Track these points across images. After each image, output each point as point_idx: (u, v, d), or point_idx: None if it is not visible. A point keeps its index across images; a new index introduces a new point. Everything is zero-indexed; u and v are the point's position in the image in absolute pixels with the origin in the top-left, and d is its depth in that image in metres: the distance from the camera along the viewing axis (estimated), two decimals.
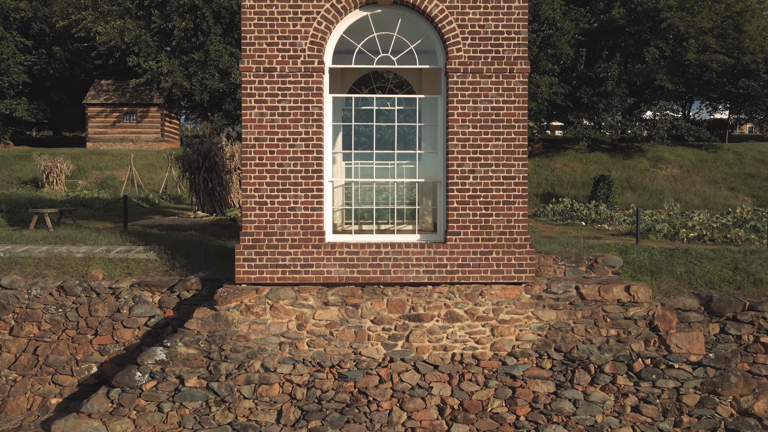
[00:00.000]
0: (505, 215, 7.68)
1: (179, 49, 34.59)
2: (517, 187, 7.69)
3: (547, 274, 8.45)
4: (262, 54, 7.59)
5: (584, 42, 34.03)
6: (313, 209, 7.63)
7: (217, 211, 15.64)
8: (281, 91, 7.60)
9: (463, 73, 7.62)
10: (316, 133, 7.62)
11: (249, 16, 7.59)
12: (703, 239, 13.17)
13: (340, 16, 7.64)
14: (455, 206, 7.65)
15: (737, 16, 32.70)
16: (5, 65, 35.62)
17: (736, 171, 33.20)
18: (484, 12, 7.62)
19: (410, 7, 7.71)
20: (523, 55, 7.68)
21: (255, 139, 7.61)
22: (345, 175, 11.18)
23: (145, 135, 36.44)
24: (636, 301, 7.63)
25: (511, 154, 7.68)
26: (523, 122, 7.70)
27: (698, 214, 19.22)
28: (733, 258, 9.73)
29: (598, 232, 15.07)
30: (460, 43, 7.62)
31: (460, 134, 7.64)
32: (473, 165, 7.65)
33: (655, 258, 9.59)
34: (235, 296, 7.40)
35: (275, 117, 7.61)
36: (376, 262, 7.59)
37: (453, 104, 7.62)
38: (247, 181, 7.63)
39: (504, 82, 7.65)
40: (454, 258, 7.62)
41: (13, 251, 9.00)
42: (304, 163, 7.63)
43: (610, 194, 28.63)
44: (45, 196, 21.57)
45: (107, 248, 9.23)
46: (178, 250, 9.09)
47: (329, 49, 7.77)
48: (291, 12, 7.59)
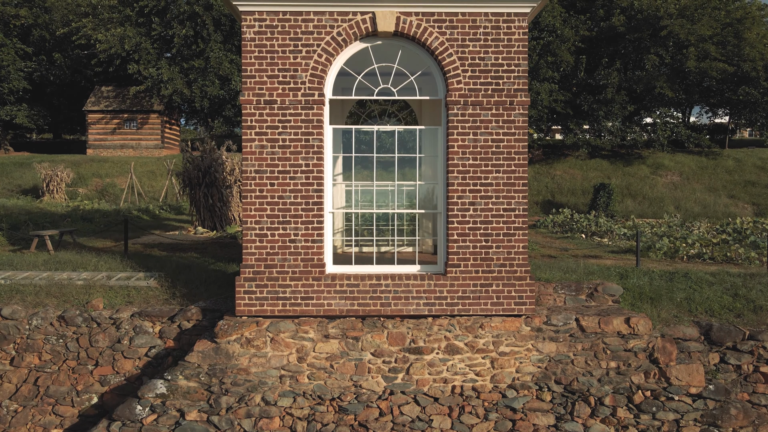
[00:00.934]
0: (506, 247, 7.69)
1: (179, 56, 34.62)
2: (518, 219, 7.70)
3: (547, 303, 8.46)
4: (263, 86, 7.61)
5: (584, 49, 34.04)
6: (313, 241, 7.64)
7: (217, 226, 15.65)
8: (281, 124, 7.62)
9: (464, 105, 7.63)
10: (317, 165, 7.63)
11: (249, 48, 7.60)
12: (702, 257, 13.17)
13: (340, 49, 7.65)
14: (455, 238, 7.66)
15: (737, 24, 32.70)
16: (5, 72, 35.65)
17: (736, 178, 33.20)
18: (485, 44, 7.64)
19: (410, 39, 7.72)
20: (523, 87, 7.69)
21: (255, 171, 7.62)
22: (345, 197, 11.21)
23: (145, 142, 36.46)
24: (636, 333, 7.64)
25: (511, 186, 7.69)
26: (523, 154, 7.71)
27: (698, 227, 19.22)
28: (732, 283, 9.74)
29: (597, 248, 15.08)
30: (460, 75, 7.63)
31: (460, 166, 7.65)
32: (473, 197, 7.66)
33: (654, 283, 9.60)
34: (236, 329, 7.41)
35: (275, 149, 7.62)
36: (377, 294, 7.60)
37: (453, 136, 7.64)
38: (247, 213, 7.64)
39: (504, 114, 7.66)
40: (455, 290, 7.63)
41: (14, 278, 9.01)
42: (304, 195, 7.64)
43: (610, 202, 28.68)
44: (45, 208, 21.59)
45: (108, 274, 9.24)
46: (179, 277, 9.10)
47: (329, 80, 7.78)
48: (291, 45, 7.61)
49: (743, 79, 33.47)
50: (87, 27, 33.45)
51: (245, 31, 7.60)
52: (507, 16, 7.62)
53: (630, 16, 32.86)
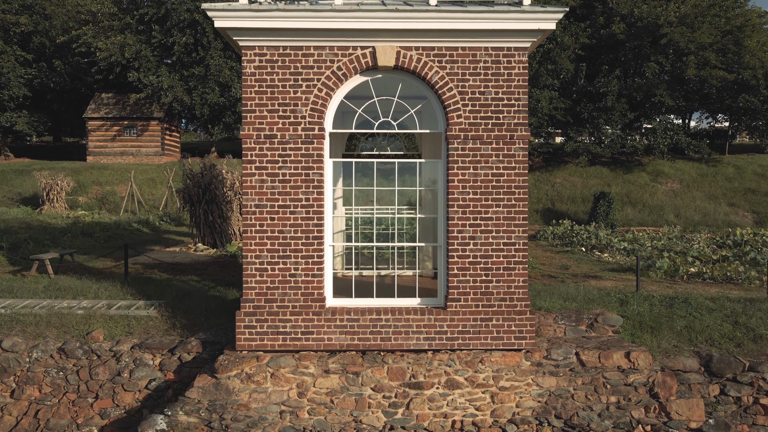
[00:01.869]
0: (506, 281, 7.69)
1: (179, 63, 34.61)
2: (518, 253, 7.70)
3: (548, 333, 8.47)
4: (263, 121, 7.61)
5: (584, 57, 34.05)
6: (313, 276, 7.65)
7: (217, 243, 15.66)
8: (282, 158, 7.62)
9: (464, 140, 7.63)
10: (317, 199, 7.64)
11: (250, 83, 7.60)
12: (702, 277, 13.18)
13: (340, 83, 7.65)
14: (455, 272, 7.66)
15: (737, 31, 32.71)
16: (5, 79, 35.64)
17: (736, 186, 33.19)
18: (485, 79, 7.64)
19: (411, 73, 7.72)
20: (523, 121, 7.70)
21: (255, 206, 7.62)
22: (345, 222, 11.21)
23: (145, 149, 36.46)
24: (636, 367, 7.64)
25: (511, 221, 7.69)
26: (523, 188, 7.72)
27: (698, 241, 19.20)
28: (732, 309, 9.74)
29: (597, 264, 15.07)
30: (460, 110, 7.63)
31: (460, 200, 7.65)
32: (473, 231, 7.67)
33: (655, 310, 9.60)
34: (236, 364, 7.41)
35: (276, 184, 7.62)
36: (377, 329, 7.60)
37: (453, 170, 7.64)
38: (248, 248, 7.64)
39: (504, 148, 7.66)
40: (455, 325, 7.64)
41: (14, 307, 9.01)
42: (304, 229, 7.64)
43: (610, 211, 28.66)
44: (45, 220, 21.60)
45: (108, 303, 9.24)
46: (179, 305, 9.10)
47: (329, 114, 7.79)
48: (291, 79, 7.61)
49: (743, 86, 33.48)
50: (87, 35, 33.44)
51: (245, 66, 7.60)
52: (507, 50, 7.63)
53: (630, 23, 32.87)
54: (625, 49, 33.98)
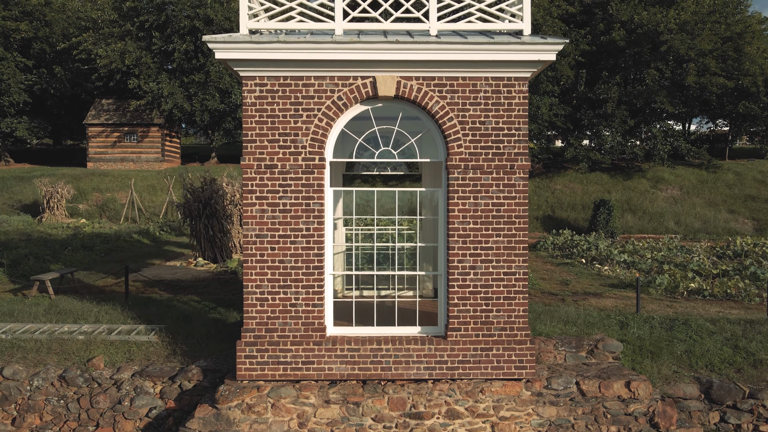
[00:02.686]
0: (506, 311, 7.70)
1: (179, 70, 34.62)
2: (518, 283, 7.71)
3: (548, 360, 8.48)
4: (263, 151, 7.62)
5: (584, 63, 34.04)
6: (314, 305, 7.66)
7: (218, 257, 15.67)
8: (282, 188, 7.63)
9: (464, 170, 7.64)
10: (317, 229, 7.64)
11: (250, 113, 7.61)
12: (702, 293, 13.19)
13: (340, 112, 7.66)
14: (456, 302, 7.67)
15: (737, 38, 32.70)
16: (5, 85, 35.65)
17: (736, 192, 33.19)
18: (485, 108, 7.65)
19: (411, 102, 7.73)
20: (523, 151, 7.71)
21: (256, 235, 7.63)
22: (345, 240, 11.21)
23: (145, 155, 36.48)
24: (636, 397, 7.65)
25: (511, 250, 7.70)
26: (523, 218, 7.73)
27: (698, 253, 19.21)
28: (733, 332, 9.75)
29: (598, 279, 15.08)
30: (460, 139, 7.64)
31: (460, 230, 7.66)
32: (474, 261, 7.67)
33: (655, 333, 9.61)
34: (236, 395, 7.42)
35: (276, 213, 7.63)
36: (377, 359, 7.61)
37: (453, 200, 7.65)
38: (248, 277, 7.65)
39: (505, 178, 7.67)
40: (455, 354, 7.64)
41: (15, 332, 9.03)
42: (305, 259, 7.65)
43: (610, 219, 28.68)
44: (46, 231, 21.61)
45: (109, 327, 9.25)
46: (179, 330, 9.11)
47: (330, 144, 7.79)
48: (292, 109, 7.62)
49: (743, 93, 33.49)
50: (88, 42, 33.45)
51: (246, 96, 7.61)
52: (507, 80, 7.64)
53: (630, 30, 32.87)
54: (625, 55, 33.98)
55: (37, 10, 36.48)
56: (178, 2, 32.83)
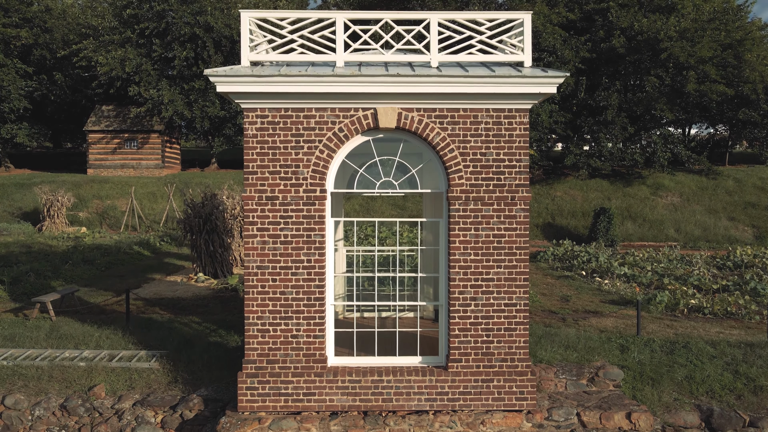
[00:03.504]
0: (507, 342, 7.71)
1: (180, 77, 34.62)
2: (519, 314, 7.72)
3: (548, 388, 8.49)
4: (265, 182, 7.62)
5: (584, 70, 34.04)
6: (315, 336, 7.66)
7: (218, 273, 15.67)
8: (283, 220, 7.64)
9: (465, 201, 7.65)
10: (318, 261, 7.65)
11: (251, 145, 7.62)
12: (703, 311, 13.21)
13: (341, 144, 7.67)
14: (456, 333, 7.68)
15: (737, 45, 32.70)
16: (6, 92, 35.63)
17: (736, 199, 33.20)
18: (486, 140, 7.65)
19: (412, 134, 7.74)
20: (524, 182, 7.72)
21: (257, 267, 7.64)
22: (346, 263, 11.22)
23: (146, 161, 36.47)
24: (637, 428, 7.66)
25: (512, 281, 7.71)
26: (524, 249, 7.73)
27: (698, 265, 19.20)
28: (733, 357, 9.76)
29: (598, 295, 15.08)
30: (461, 171, 7.65)
31: (461, 262, 7.67)
32: (475, 292, 7.68)
33: (655, 358, 9.62)
34: (238, 427, 7.43)
35: (277, 245, 7.64)
36: (378, 390, 7.62)
37: (455, 231, 7.65)
38: (249, 309, 7.65)
39: (506, 209, 7.68)
40: (456, 385, 7.65)
41: (16, 358, 9.04)
42: (306, 290, 7.65)
43: (610, 227, 28.70)
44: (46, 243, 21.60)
45: (110, 353, 9.26)
46: (180, 357, 9.12)
47: (331, 175, 7.80)
48: (293, 141, 7.63)
49: (743, 101, 33.50)
50: (88, 49, 33.44)
51: (247, 128, 7.61)
52: (508, 111, 7.65)
53: (630, 36, 32.87)
54: (625, 62, 33.98)
55: (37, 16, 36.47)
56: (179, 9, 32.82)
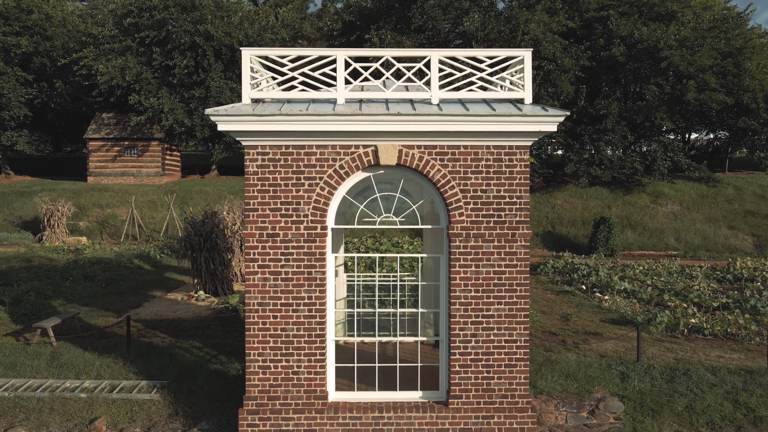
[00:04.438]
0: (507, 378, 7.72)
1: (180, 85, 34.63)
2: (519, 350, 7.73)
3: (549, 421, 8.50)
4: (265, 219, 7.64)
5: (584, 78, 34.06)
6: (316, 373, 7.67)
7: (219, 290, 15.69)
8: (284, 257, 7.65)
9: (466, 238, 7.66)
10: (319, 297, 7.66)
11: (252, 182, 7.63)
12: (703, 332, 13.22)
13: (342, 180, 7.68)
14: (457, 369, 7.69)
15: (737, 54, 32.72)
16: (6, 100, 35.65)
17: (736, 207, 33.21)
18: (487, 177, 7.67)
19: (413, 170, 7.75)
20: (525, 219, 7.73)
21: (258, 304, 7.65)
22: (347, 289, 11.23)
23: (146, 169, 36.48)
24: None
25: (513, 318, 7.72)
26: (525, 286, 7.74)
27: (698, 279, 19.21)
28: (733, 385, 9.78)
29: (598, 313, 15.08)
30: (462, 207, 7.66)
31: (462, 298, 7.68)
32: (475, 329, 7.70)
33: (656, 387, 9.63)
34: None
35: (278, 282, 7.65)
36: (379, 426, 7.63)
37: (455, 268, 7.67)
38: (250, 346, 7.66)
39: (506, 246, 7.69)
40: (456, 422, 7.66)
41: (17, 388, 9.05)
42: (307, 327, 7.67)
43: (610, 237, 28.74)
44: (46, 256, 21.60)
45: (110, 383, 9.27)
46: (181, 388, 9.13)
47: (331, 211, 7.81)
48: (294, 178, 7.64)
49: (743, 109, 33.53)
50: (88, 57, 33.45)
51: (248, 165, 7.63)
52: (509, 149, 7.66)
53: (630, 44, 32.88)
54: (625, 71, 34.01)
55: (37, 24, 36.47)
56: (179, 18, 32.83)
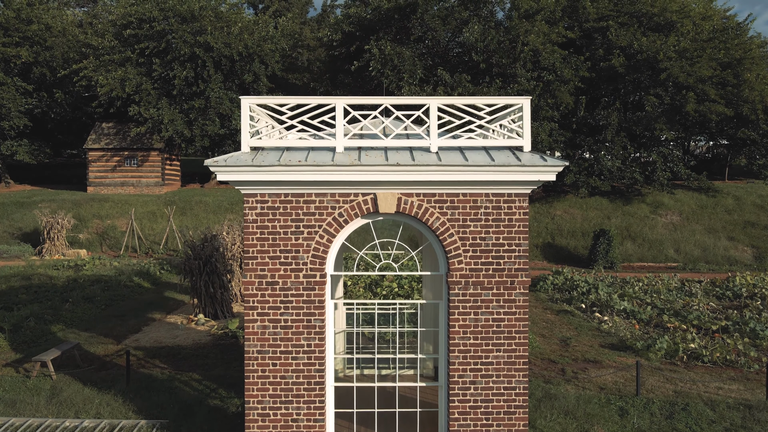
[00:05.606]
0: (506, 425, 7.73)
1: (180, 96, 34.64)
2: (518, 398, 7.74)
3: None
4: (265, 267, 7.65)
5: (584, 89, 34.08)
6: (315, 420, 7.69)
7: (218, 313, 15.70)
8: (283, 304, 7.66)
9: (465, 285, 7.67)
10: (318, 345, 7.68)
11: (252, 230, 7.64)
12: (702, 359, 13.23)
13: (341, 228, 7.69)
14: (456, 416, 7.70)
15: (737, 65, 32.74)
16: (6, 110, 35.67)
17: (735, 218, 33.22)
18: (486, 224, 7.68)
19: (412, 218, 7.76)
20: (524, 266, 7.74)
21: (258, 351, 7.66)
22: (346, 320, 11.24)
23: (145, 179, 36.51)
24: None
25: (512, 365, 7.73)
26: (524, 333, 7.76)
27: (698, 301, 19.20)
28: (732, 422, 9.80)
29: (598, 337, 15.09)
30: (461, 255, 7.68)
31: (461, 346, 7.69)
32: (474, 376, 7.71)
33: (655, 424, 9.64)
34: None
35: (278, 330, 7.66)
36: None
37: (454, 316, 7.68)
38: (250, 393, 7.68)
39: (505, 293, 7.70)
40: None
41: (16, 429, 9.05)
42: (306, 375, 7.68)
43: (609, 249, 28.79)
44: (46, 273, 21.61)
45: (110, 423, 9.28)
46: (181, 428, 9.13)
47: (330, 258, 7.82)
48: (293, 226, 7.65)
49: (742, 121, 33.55)
50: (88, 69, 33.47)
51: (247, 213, 7.64)
52: (508, 196, 7.67)
53: (629, 55, 32.89)
54: (625, 81, 34.03)
55: (37, 35, 36.49)
56: (179, 29, 32.83)
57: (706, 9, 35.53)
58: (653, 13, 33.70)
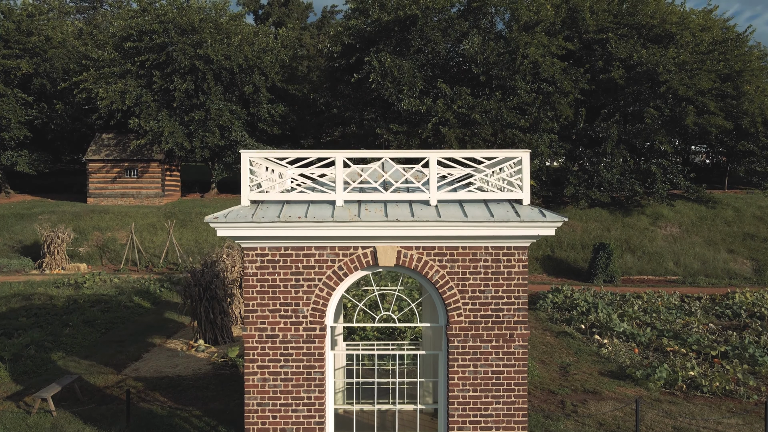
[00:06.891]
0: None
1: (180, 108, 34.68)
2: None
3: None
4: (265, 320, 7.68)
5: (583, 101, 34.13)
6: None
7: (218, 339, 15.73)
8: (283, 357, 7.69)
9: (464, 338, 7.70)
10: (318, 397, 7.70)
11: (251, 283, 7.67)
12: (701, 389, 13.25)
13: (341, 281, 7.72)
14: None
15: (736, 77, 32.79)
16: (6, 121, 35.71)
17: (735, 230, 33.24)
18: (485, 277, 7.70)
19: (412, 270, 7.79)
20: (523, 319, 7.77)
21: (257, 404, 7.69)
22: (346, 358, 11.26)
23: (146, 190, 36.54)
24: None
25: (511, 417, 7.76)
26: (523, 385, 7.78)
27: (697, 323, 19.22)
28: None
29: (597, 363, 15.12)
30: (461, 308, 7.70)
31: (460, 398, 7.72)
32: (473, 428, 7.73)
33: None
34: None
35: (278, 382, 7.69)
36: None
37: (453, 368, 7.71)
38: None
39: (504, 346, 7.73)
40: None
41: None
42: (306, 428, 7.70)
43: (609, 263, 28.82)
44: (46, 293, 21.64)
45: None
46: None
47: (330, 311, 7.85)
48: (293, 279, 7.68)
49: (742, 133, 33.60)
50: (88, 81, 33.50)
51: (247, 266, 7.66)
52: (507, 249, 7.70)
53: (629, 67, 32.93)
54: (624, 93, 34.07)
55: (37, 46, 36.52)
56: (179, 42, 32.86)
57: (705, 20, 35.55)
58: (653, 25, 33.74)
